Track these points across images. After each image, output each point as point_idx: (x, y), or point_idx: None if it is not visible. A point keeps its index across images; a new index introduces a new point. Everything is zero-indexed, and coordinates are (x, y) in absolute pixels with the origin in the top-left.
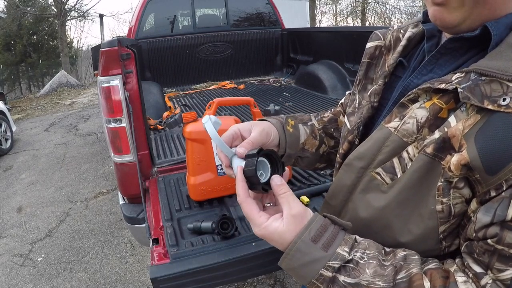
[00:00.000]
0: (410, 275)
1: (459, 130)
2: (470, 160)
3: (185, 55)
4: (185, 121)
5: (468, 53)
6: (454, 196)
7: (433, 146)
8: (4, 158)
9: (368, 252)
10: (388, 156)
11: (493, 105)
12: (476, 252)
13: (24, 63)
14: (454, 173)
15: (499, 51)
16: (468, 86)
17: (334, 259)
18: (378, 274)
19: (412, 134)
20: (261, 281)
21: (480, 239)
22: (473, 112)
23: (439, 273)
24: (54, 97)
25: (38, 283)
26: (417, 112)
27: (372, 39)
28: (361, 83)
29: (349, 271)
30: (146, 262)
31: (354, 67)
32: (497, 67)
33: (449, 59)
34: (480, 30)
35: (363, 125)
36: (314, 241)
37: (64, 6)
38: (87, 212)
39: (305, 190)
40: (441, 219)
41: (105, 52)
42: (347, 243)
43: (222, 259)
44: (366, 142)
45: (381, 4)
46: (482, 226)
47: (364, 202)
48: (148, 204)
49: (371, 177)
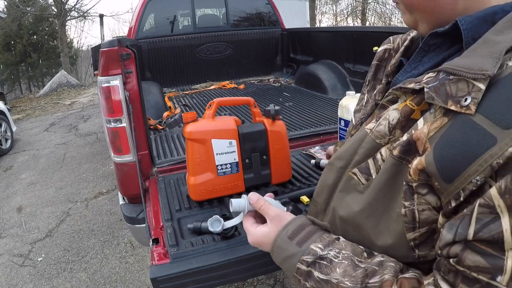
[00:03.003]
0: (381, 281)
1: (423, 133)
2: (426, 165)
3: (185, 55)
4: (185, 121)
5: (450, 49)
6: (419, 202)
7: (399, 149)
8: (4, 158)
9: (344, 252)
10: (363, 157)
11: (456, 106)
12: (442, 270)
13: (24, 63)
14: (413, 177)
15: (474, 48)
16: (434, 86)
17: (307, 254)
18: (348, 274)
19: (384, 136)
20: (261, 281)
21: (445, 257)
22: (440, 114)
23: (410, 283)
24: (54, 97)
25: (38, 283)
26: (391, 114)
27: (384, 43)
28: (370, 84)
29: (322, 268)
30: (146, 262)
31: (354, 67)
32: (464, 65)
33: (432, 56)
34: (451, 25)
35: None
36: (290, 238)
37: (64, 6)
38: (87, 212)
39: (305, 190)
40: (406, 223)
41: (105, 52)
42: (322, 240)
43: (222, 259)
44: (347, 142)
45: (381, 4)
46: (445, 244)
47: (343, 201)
48: (148, 204)
49: (349, 177)
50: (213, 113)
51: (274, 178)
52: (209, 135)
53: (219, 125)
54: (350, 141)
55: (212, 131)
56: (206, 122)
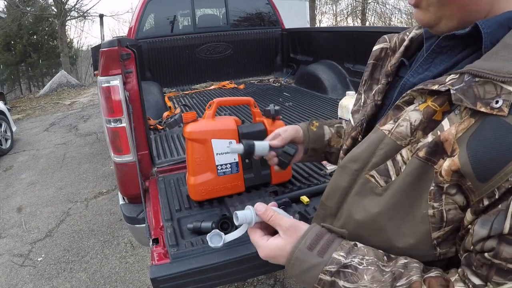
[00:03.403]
0: (409, 283)
1: (452, 134)
2: (460, 166)
3: (185, 55)
4: (185, 121)
5: (463, 52)
6: (447, 202)
7: (426, 150)
8: (4, 158)
9: (367, 258)
10: (382, 159)
11: (486, 108)
12: (474, 265)
13: (24, 63)
14: (445, 179)
15: (495, 51)
16: (461, 88)
17: (330, 263)
18: (376, 280)
19: (405, 137)
20: (261, 281)
21: (477, 252)
22: (467, 115)
23: (438, 282)
24: (54, 97)
25: (38, 283)
26: (411, 115)
27: (379, 42)
28: (367, 83)
29: (347, 276)
30: (146, 262)
31: (354, 67)
32: (491, 68)
33: (444, 58)
34: (471, 28)
35: (366, 122)
36: (310, 249)
37: (64, 6)
38: (87, 212)
39: (305, 190)
40: (433, 224)
41: (105, 52)
42: (343, 248)
43: (222, 259)
44: (361, 144)
45: (381, 4)
46: (479, 239)
47: (359, 205)
48: (148, 204)
49: (365, 180)
50: (213, 113)
51: (274, 178)
52: (209, 135)
53: (219, 125)
54: (364, 142)
55: (212, 131)
56: (206, 122)
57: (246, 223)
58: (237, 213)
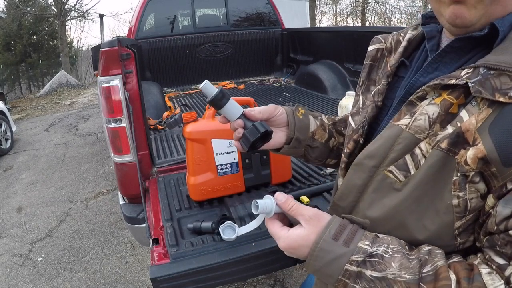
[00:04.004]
0: (436, 268)
1: (472, 124)
2: (487, 152)
3: (185, 55)
4: (185, 121)
5: (472, 51)
6: (470, 191)
7: (448, 141)
8: (4, 158)
9: (392, 246)
10: (400, 154)
11: (504, 98)
12: (498, 245)
13: (24, 63)
14: (471, 167)
15: (505, 46)
16: (479, 80)
17: (357, 253)
18: (404, 267)
19: (424, 130)
20: (261, 281)
21: (501, 232)
22: (485, 106)
23: (462, 266)
24: (54, 97)
25: (38, 283)
26: (428, 108)
27: (374, 43)
28: (364, 85)
29: (375, 265)
30: (146, 262)
31: (354, 67)
32: (505, 61)
33: (454, 57)
34: (488, 29)
35: (368, 123)
36: (335, 239)
37: (64, 6)
38: (87, 212)
39: (305, 190)
40: (457, 213)
41: (105, 52)
42: (367, 238)
43: (222, 259)
44: (376, 141)
45: (381, 4)
46: (503, 219)
47: (377, 202)
48: (148, 204)
49: (383, 176)
50: (213, 113)
51: (274, 178)
52: (209, 135)
53: (219, 125)
54: (379, 139)
55: (212, 131)
56: (206, 122)
57: (264, 213)
58: (257, 202)
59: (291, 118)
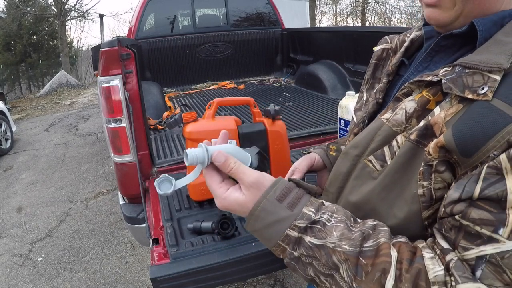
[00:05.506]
0: (378, 244)
1: (441, 118)
2: (445, 142)
3: (185, 55)
4: (185, 121)
5: (461, 50)
6: (436, 181)
7: (417, 133)
8: (4, 158)
9: (336, 215)
10: (379, 145)
11: (473, 95)
12: (444, 228)
13: (24, 63)
14: (433, 156)
15: (486, 46)
16: (452, 78)
17: (300, 218)
18: (345, 237)
19: (401, 124)
20: (261, 281)
21: (448, 215)
22: (456, 101)
23: (407, 247)
24: (54, 97)
25: (38, 283)
26: (407, 104)
27: (381, 43)
28: (369, 82)
29: (315, 232)
30: (146, 262)
31: (354, 67)
32: (480, 60)
33: (443, 56)
34: (468, 27)
35: (368, 119)
36: (280, 200)
37: (64, 6)
38: (87, 212)
39: None
40: (423, 203)
41: (105, 52)
42: (313, 204)
43: (222, 259)
44: (363, 132)
45: (381, 4)
46: (450, 202)
47: (357, 188)
48: (148, 204)
49: (364, 164)
50: (213, 113)
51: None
52: (209, 135)
53: (219, 125)
54: (365, 131)
55: (212, 131)
56: (206, 122)
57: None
58: (186, 152)
59: (326, 159)
